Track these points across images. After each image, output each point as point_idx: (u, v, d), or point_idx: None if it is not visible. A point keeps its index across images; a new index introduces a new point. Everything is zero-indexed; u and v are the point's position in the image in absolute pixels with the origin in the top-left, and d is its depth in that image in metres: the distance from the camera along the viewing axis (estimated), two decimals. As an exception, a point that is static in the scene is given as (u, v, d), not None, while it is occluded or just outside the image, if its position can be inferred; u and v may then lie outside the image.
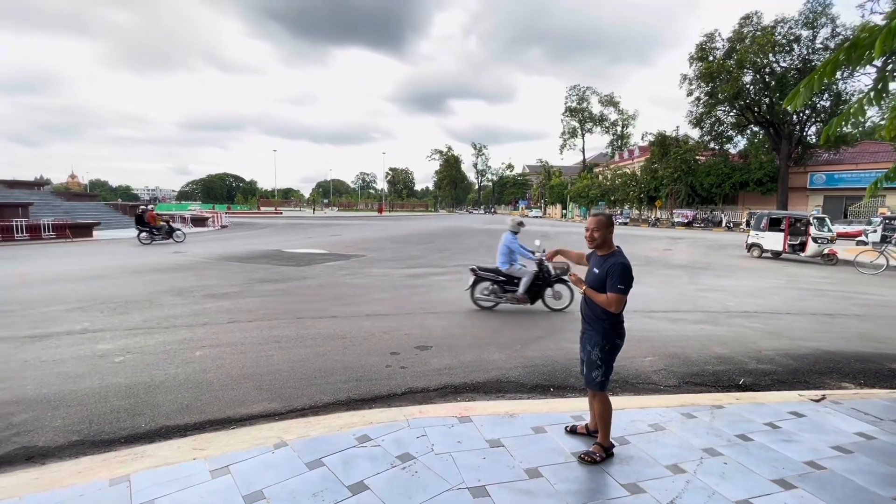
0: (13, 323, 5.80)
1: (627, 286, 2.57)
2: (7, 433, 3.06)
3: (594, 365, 2.71)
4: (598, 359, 2.70)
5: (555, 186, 70.38)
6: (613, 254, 2.68)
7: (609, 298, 2.58)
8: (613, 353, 2.73)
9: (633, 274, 2.61)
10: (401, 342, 5.17)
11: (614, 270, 2.57)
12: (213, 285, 8.62)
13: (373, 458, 2.73)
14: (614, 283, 2.55)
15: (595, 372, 2.72)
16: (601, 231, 2.68)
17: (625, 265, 2.58)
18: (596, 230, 2.68)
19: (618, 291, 2.55)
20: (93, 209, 27.63)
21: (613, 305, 2.57)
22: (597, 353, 2.70)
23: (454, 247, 17.38)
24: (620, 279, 2.55)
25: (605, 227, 2.69)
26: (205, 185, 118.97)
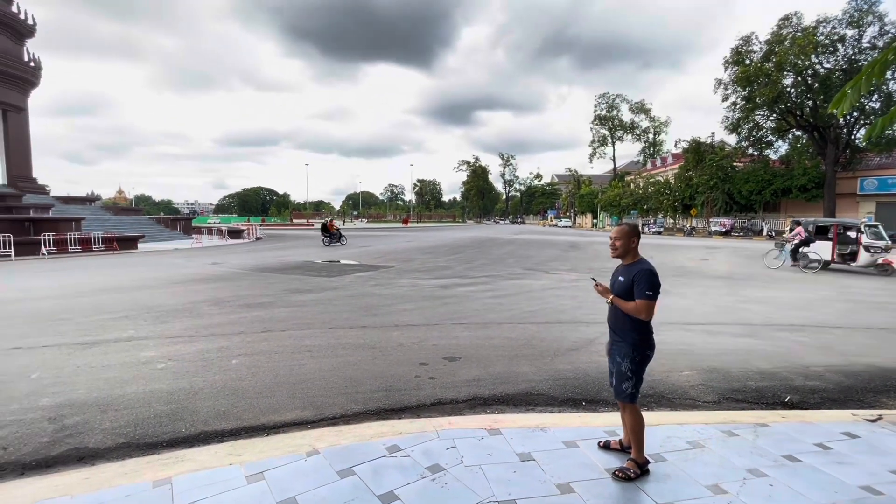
0: (67, 330, 6.17)
1: (655, 292, 2.53)
2: (61, 434, 3.25)
3: (624, 377, 2.65)
4: (629, 370, 2.64)
5: (584, 195, 69.32)
6: (639, 261, 2.66)
7: (638, 306, 2.54)
8: (644, 365, 2.68)
9: (660, 281, 2.57)
10: (429, 353, 5.18)
11: (641, 277, 2.54)
12: (248, 295, 8.91)
13: (403, 468, 2.73)
14: (642, 289, 2.52)
15: (625, 384, 2.65)
16: (623, 240, 2.67)
17: (651, 271, 2.56)
18: (618, 239, 2.69)
19: (646, 297, 2.51)
20: (137, 223, 29.20)
21: (643, 312, 2.53)
22: (627, 365, 2.64)
23: (482, 257, 17.35)
24: (648, 285, 2.51)
25: (627, 236, 2.68)
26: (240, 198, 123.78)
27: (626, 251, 2.68)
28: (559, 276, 12.11)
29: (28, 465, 2.88)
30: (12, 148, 25.53)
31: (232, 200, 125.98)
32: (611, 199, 58.49)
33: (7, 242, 17.17)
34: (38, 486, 2.58)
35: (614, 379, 2.73)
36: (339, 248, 21.02)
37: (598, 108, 71.42)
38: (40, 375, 4.40)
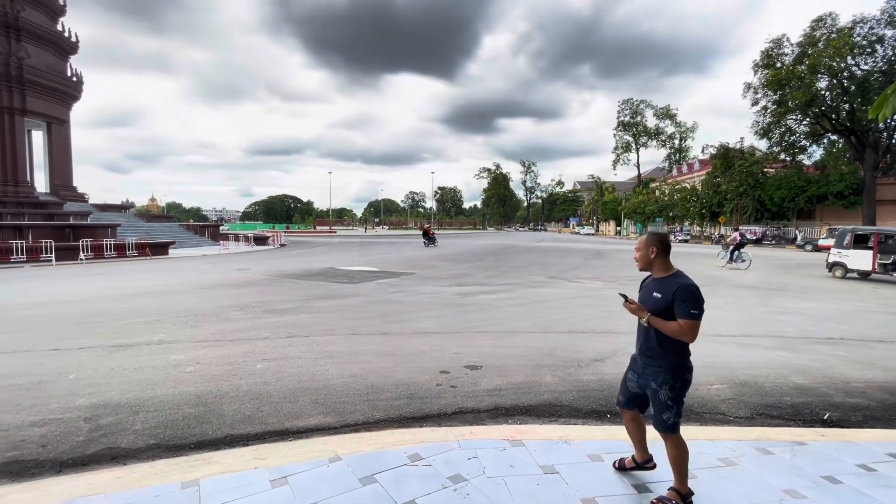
0: (102, 333, 6.41)
1: (701, 310, 2.26)
2: (95, 434, 3.37)
3: (664, 406, 2.38)
4: (669, 398, 2.37)
5: (608, 202, 68.30)
6: (676, 275, 2.39)
7: (683, 327, 2.26)
8: (685, 390, 2.41)
9: (702, 295, 2.32)
10: (450, 361, 5.16)
11: (683, 293, 2.27)
12: (272, 301, 9.09)
13: (424, 477, 2.72)
14: (686, 308, 2.25)
15: (666, 413, 2.38)
16: (642, 250, 2.47)
17: (694, 286, 2.30)
18: (638, 249, 2.51)
19: (692, 317, 2.24)
20: (169, 229, 30.24)
21: (689, 334, 2.26)
22: (666, 393, 2.37)
23: (503, 265, 17.25)
24: (692, 303, 2.24)
25: (645, 246, 2.47)
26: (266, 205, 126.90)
27: (646, 263, 2.47)
28: (583, 285, 11.92)
29: (65, 463, 2.99)
30: (55, 158, 26.90)
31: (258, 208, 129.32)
32: (635, 206, 57.45)
33: (49, 248, 18.06)
34: (74, 484, 2.68)
35: (653, 408, 2.48)
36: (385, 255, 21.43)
37: (621, 114, 70.59)
38: (77, 376, 4.58)
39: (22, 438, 3.28)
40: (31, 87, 23.66)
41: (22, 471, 2.89)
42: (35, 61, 23.80)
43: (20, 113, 23.51)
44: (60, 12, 26.68)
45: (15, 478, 2.82)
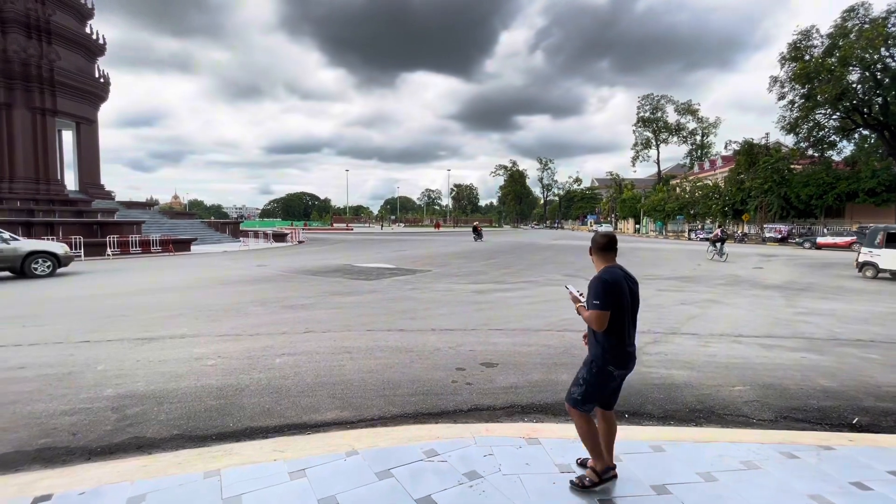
0: (128, 326, 6.62)
1: (602, 301, 2.43)
2: (123, 423, 3.48)
3: (577, 381, 2.61)
4: (582, 377, 2.58)
5: (627, 200, 67.18)
6: (601, 270, 2.60)
7: (588, 316, 2.50)
8: (601, 379, 2.52)
9: (613, 288, 2.46)
10: (466, 358, 5.16)
11: (590, 286, 2.53)
12: (290, 297, 9.23)
13: (440, 473, 2.73)
14: (590, 299, 2.51)
15: (574, 388, 2.60)
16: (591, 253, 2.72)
17: (601, 279, 2.49)
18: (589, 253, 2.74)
19: (592, 307, 2.47)
20: (191, 226, 30.96)
21: (593, 323, 2.47)
22: (583, 371, 2.59)
23: (519, 263, 17.15)
24: (594, 294, 2.47)
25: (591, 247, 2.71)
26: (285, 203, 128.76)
27: (595, 261, 2.70)
28: (600, 283, 11.76)
29: (94, 451, 3.10)
30: (84, 157, 27.80)
31: (276, 205, 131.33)
32: (655, 203, 56.38)
33: (78, 244, 18.69)
34: (103, 471, 2.77)
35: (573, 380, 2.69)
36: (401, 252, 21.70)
37: (641, 109, 69.20)
38: (105, 367, 4.74)
39: (54, 426, 3.41)
40: (61, 89, 24.47)
41: (54, 457, 3.01)
42: (65, 63, 24.59)
43: (51, 113, 24.35)
44: (88, 15, 27.50)
45: (47, 464, 2.94)
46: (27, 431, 3.33)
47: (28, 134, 23.39)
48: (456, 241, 32.24)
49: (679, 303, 8.97)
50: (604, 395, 2.60)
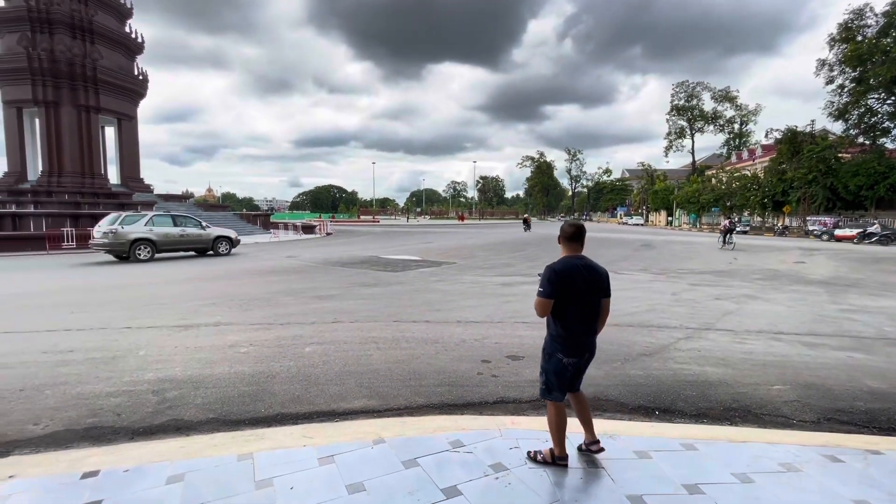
0: (166, 314, 6.91)
1: (546, 289, 2.54)
2: (162, 406, 3.64)
3: (540, 371, 2.73)
4: (542, 367, 2.72)
5: (659, 191, 65.08)
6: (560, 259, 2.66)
7: (534, 302, 2.65)
8: (557, 368, 2.64)
9: (560, 277, 2.55)
10: (492, 350, 5.15)
11: (542, 273, 2.61)
12: (319, 287, 9.42)
13: (465, 464, 2.74)
14: (538, 286, 2.59)
15: (540, 378, 2.74)
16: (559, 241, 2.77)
17: (549, 267, 2.59)
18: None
19: (537, 294, 2.60)
20: (224, 218, 31.98)
21: (535, 308, 2.63)
22: (543, 358, 2.73)
23: (546, 256, 16.93)
24: (540, 282, 2.58)
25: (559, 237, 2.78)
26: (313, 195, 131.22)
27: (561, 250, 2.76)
28: (630, 277, 11.49)
29: (136, 431, 3.26)
30: (125, 152, 29.09)
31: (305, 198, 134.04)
32: (689, 195, 54.44)
33: (121, 235, 19.58)
34: (144, 451, 2.91)
35: None
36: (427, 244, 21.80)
37: (675, 97, 66.72)
38: (146, 353, 4.97)
39: (100, 407, 3.61)
40: (104, 87, 25.61)
41: (101, 436, 3.19)
42: (107, 62, 25.69)
43: (95, 111, 25.54)
44: (128, 15, 28.57)
45: (95, 442, 3.11)
46: (76, 411, 3.53)
47: (74, 130, 24.62)
48: (482, 234, 32.13)
49: (713, 298, 8.65)
50: (564, 383, 2.68)
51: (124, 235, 14.39)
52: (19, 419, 3.40)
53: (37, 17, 23.32)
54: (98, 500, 2.37)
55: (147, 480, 2.55)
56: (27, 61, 22.88)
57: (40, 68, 23.20)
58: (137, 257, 14.43)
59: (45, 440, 3.13)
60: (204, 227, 16.43)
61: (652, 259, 16.28)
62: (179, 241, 15.75)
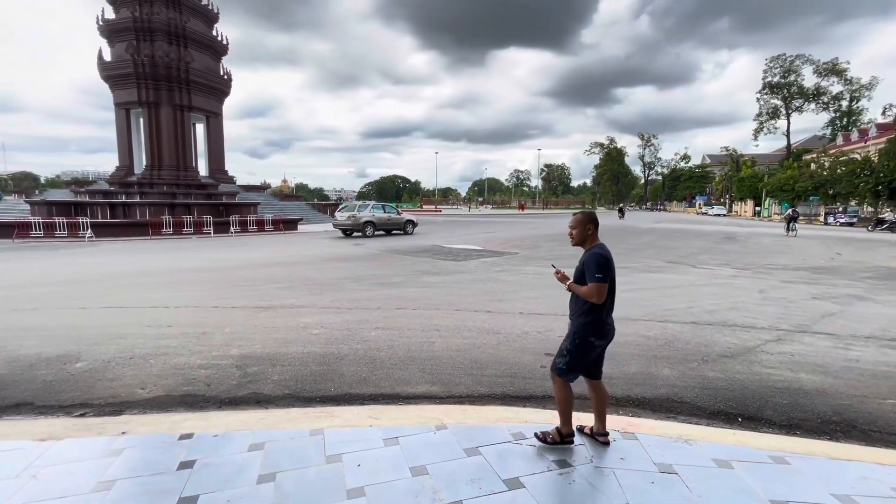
0: (248, 295, 7.50)
1: (604, 275, 2.61)
2: (244, 380, 3.97)
3: (562, 352, 2.79)
4: (566, 349, 2.76)
5: (745, 178, 59.04)
6: (595, 246, 2.75)
7: (589, 289, 2.62)
8: (584, 350, 2.73)
9: (610, 263, 2.66)
10: (556, 344, 4.96)
11: (589, 261, 2.66)
12: (383, 275, 9.73)
13: (528, 456, 2.70)
14: (591, 273, 2.62)
15: (560, 359, 2.78)
16: (578, 228, 2.78)
17: (599, 254, 2.66)
18: (574, 227, 2.81)
19: (595, 280, 2.60)
20: (298, 208, 34.03)
21: (594, 296, 2.61)
22: (567, 343, 2.77)
23: (613, 247, 16.05)
24: (596, 268, 2.61)
25: (582, 224, 2.77)
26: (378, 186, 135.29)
27: (583, 239, 2.78)
28: (710, 272, 10.62)
29: (223, 401, 3.58)
30: (212, 147, 31.78)
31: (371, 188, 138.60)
32: (781, 182, 48.96)
33: (208, 222, 21.59)
34: (229, 420, 3.19)
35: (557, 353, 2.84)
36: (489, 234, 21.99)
37: (769, 73, 60.01)
38: (231, 330, 5.43)
39: (193, 377, 4.01)
40: (195, 87, 28.06)
41: (194, 403, 3.54)
42: (197, 64, 28.09)
43: (188, 109, 28.10)
44: (215, 19, 30.95)
45: (189, 408, 3.46)
46: (174, 380, 3.95)
47: (171, 128, 27.31)
48: (546, 224, 31.33)
49: (810, 297, 7.75)
50: (586, 365, 2.79)
51: (360, 219, 19.87)
52: (129, 383, 3.88)
53: (140, 26, 26.02)
54: (192, 459, 2.64)
55: (232, 446, 2.79)
56: (133, 67, 25.66)
57: (143, 73, 25.92)
58: (366, 234, 19.81)
59: (149, 403, 3.54)
60: (399, 213, 22.05)
61: (735, 253, 14.92)
62: (387, 223, 21.00)
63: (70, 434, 2.97)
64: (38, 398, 3.61)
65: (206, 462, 2.61)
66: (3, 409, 3.45)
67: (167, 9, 26.64)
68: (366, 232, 19.88)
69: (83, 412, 3.38)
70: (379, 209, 21.26)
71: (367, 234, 19.83)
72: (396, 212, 22.17)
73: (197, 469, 2.54)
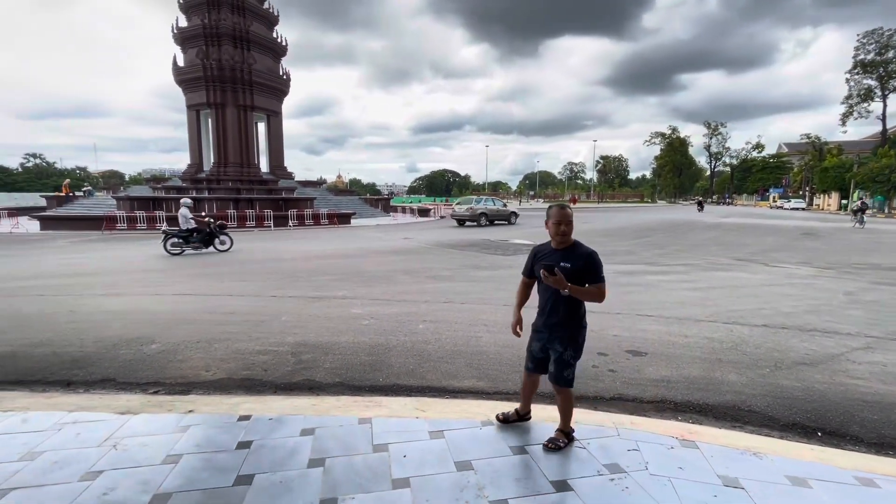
0: (303, 286, 7.83)
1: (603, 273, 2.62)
2: (298, 367, 4.13)
3: (566, 364, 2.68)
4: (572, 358, 2.69)
5: (829, 169, 53.26)
6: (579, 245, 2.66)
7: (600, 289, 2.59)
8: (582, 350, 2.75)
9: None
10: (609, 343, 4.79)
11: (594, 262, 2.59)
12: (433, 268, 9.79)
13: (577, 459, 2.59)
14: (598, 273, 2.59)
15: (567, 370, 2.69)
16: (571, 225, 2.66)
17: (596, 253, 2.63)
18: (568, 225, 2.65)
19: (603, 280, 2.60)
20: (351, 202, 35.09)
21: (603, 296, 2.61)
22: (570, 353, 2.68)
23: (675, 243, 15.23)
24: (600, 268, 2.60)
25: (572, 222, 2.67)
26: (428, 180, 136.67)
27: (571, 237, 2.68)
28: (786, 271, 9.74)
29: (279, 386, 3.75)
30: (272, 144, 33.50)
31: (421, 182, 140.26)
32: (874, 172, 43.77)
33: (268, 216, 22.80)
34: (284, 404, 3.33)
35: (554, 367, 2.72)
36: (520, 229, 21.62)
37: (861, 50, 53.79)
38: (287, 318, 5.69)
39: (252, 362, 4.23)
40: (257, 88, 29.65)
41: (252, 387, 3.74)
42: (259, 66, 29.64)
43: (250, 109, 29.76)
44: (275, 22, 32.45)
45: (248, 391, 3.66)
46: (235, 364, 4.20)
47: (235, 127, 29.06)
48: (600, 218, 30.19)
49: (907, 300, 6.88)
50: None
51: (476, 210, 23.25)
52: (196, 365, 4.17)
53: (209, 32, 27.84)
54: (250, 440, 2.78)
55: (286, 429, 2.91)
56: (202, 70, 27.54)
57: (211, 75, 27.75)
58: (480, 224, 22.80)
59: (213, 385, 3.78)
60: (505, 206, 25.91)
61: (816, 250, 13.59)
62: (497, 215, 24.14)
63: (145, 410, 3.23)
64: (120, 375, 3.97)
65: (262, 443, 2.74)
66: (91, 383, 3.83)
67: (232, 14, 28.28)
68: (480, 222, 22.93)
69: (156, 390, 3.67)
70: (490, 202, 25.03)
71: (481, 224, 22.86)
72: (503, 205, 25.87)
73: (253, 449, 2.67)
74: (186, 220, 12.64)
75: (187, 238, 12.58)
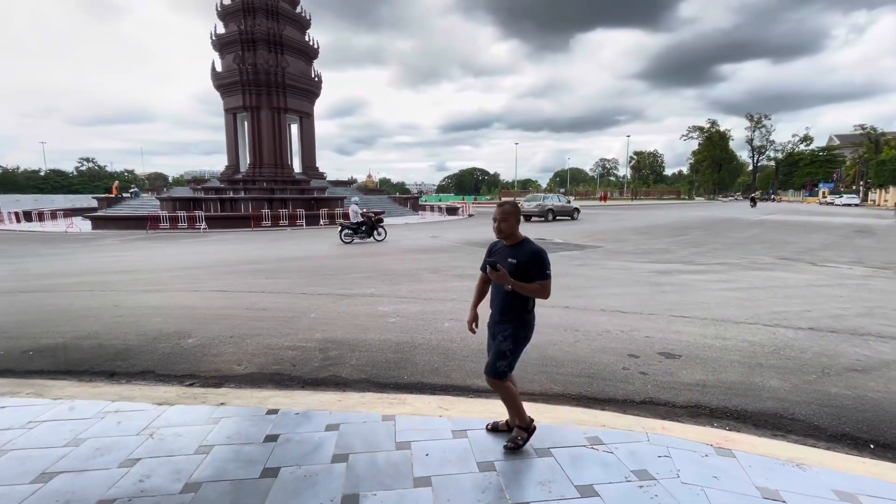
0: (332, 283, 7.97)
1: (550, 269, 2.61)
2: (325, 363, 4.20)
3: (501, 354, 2.67)
4: (509, 350, 2.67)
5: (887, 161, 49.54)
6: (526, 241, 2.68)
7: (543, 286, 2.58)
8: (523, 345, 2.73)
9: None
10: (640, 345, 4.63)
11: (538, 259, 2.59)
12: (460, 266, 9.77)
13: (604, 464, 2.51)
14: (542, 269, 2.57)
15: (500, 362, 2.66)
16: (509, 221, 2.65)
17: (543, 250, 2.62)
18: (503, 220, 2.65)
19: (548, 277, 2.59)
20: (381, 201, 35.49)
21: (547, 293, 2.60)
22: (508, 345, 2.67)
23: (714, 241, 14.60)
24: (546, 264, 2.59)
25: (511, 216, 2.66)
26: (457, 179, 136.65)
27: (512, 232, 2.66)
28: (835, 271, 9.16)
29: (306, 381, 3.82)
30: (305, 145, 34.32)
31: (450, 181, 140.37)
32: (935, 164, 40.48)
33: (301, 215, 23.37)
34: (311, 399, 3.40)
35: (490, 356, 2.74)
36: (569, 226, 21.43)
37: (920, 34, 49.51)
38: (316, 316, 5.80)
39: (281, 358, 4.34)
40: (290, 90, 30.44)
41: (281, 381, 3.83)
42: (292, 69, 30.41)
43: (284, 111, 30.60)
44: (307, 25, 33.20)
45: (277, 385, 3.75)
46: (265, 359, 4.31)
47: (269, 129, 29.96)
48: (635, 216, 29.32)
49: (975, 303, 6.32)
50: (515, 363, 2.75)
51: (545, 206, 25.27)
52: (229, 359, 4.31)
53: (245, 37, 28.80)
54: (277, 433, 2.84)
55: (312, 424, 2.96)
56: (239, 75, 28.54)
57: (247, 80, 28.71)
58: (547, 219, 24.63)
59: (244, 378, 3.89)
60: (569, 202, 27.86)
61: (870, 249, 12.71)
62: (561, 211, 25.94)
63: (180, 401, 3.37)
64: (158, 367, 4.15)
65: (288, 437, 2.80)
66: (133, 374, 4.02)
67: (267, 19, 29.13)
68: (547, 217, 24.86)
69: (191, 382, 3.82)
70: (556, 199, 27.26)
71: (548, 219, 24.67)
72: (568, 201, 28.15)
73: (280, 443, 2.73)
74: (356, 215, 15.60)
75: (356, 229, 15.29)
